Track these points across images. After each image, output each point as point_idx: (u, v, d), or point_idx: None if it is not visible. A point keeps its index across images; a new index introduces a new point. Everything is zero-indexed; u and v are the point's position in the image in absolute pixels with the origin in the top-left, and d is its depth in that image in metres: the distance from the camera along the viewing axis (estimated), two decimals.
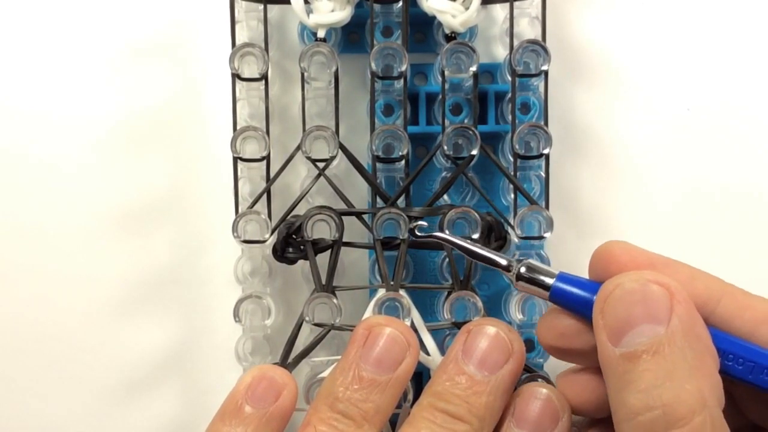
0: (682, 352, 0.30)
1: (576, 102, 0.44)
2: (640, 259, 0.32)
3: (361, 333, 0.35)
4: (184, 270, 0.43)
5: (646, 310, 0.30)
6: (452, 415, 0.33)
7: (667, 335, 0.30)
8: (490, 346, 0.34)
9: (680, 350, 0.30)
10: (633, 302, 0.31)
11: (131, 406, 0.43)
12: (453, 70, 0.39)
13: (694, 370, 0.30)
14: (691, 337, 0.30)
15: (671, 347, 0.30)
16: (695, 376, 0.29)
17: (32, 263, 0.43)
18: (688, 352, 0.30)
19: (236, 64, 0.39)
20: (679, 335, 0.30)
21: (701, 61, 0.44)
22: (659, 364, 0.30)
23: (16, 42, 0.43)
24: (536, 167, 0.41)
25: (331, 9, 0.39)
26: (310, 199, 0.41)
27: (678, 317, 0.30)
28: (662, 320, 0.30)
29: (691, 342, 0.30)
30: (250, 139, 0.39)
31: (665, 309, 0.30)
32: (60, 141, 0.43)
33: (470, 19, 0.39)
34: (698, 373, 0.30)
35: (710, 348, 0.31)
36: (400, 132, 0.39)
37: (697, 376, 0.30)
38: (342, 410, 0.34)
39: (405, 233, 0.39)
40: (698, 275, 0.32)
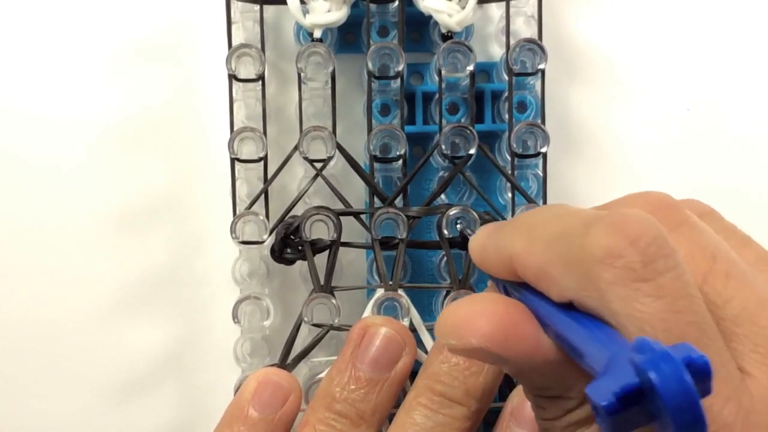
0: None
1: (573, 101, 0.44)
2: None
3: (356, 333, 0.35)
4: (183, 271, 0.43)
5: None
6: (449, 398, 0.33)
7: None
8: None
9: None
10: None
11: (130, 406, 0.43)
12: (449, 70, 0.39)
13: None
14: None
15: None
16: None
17: (31, 263, 0.43)
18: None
19: (233, 65, 0.39)
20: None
21: (699, 60, 0.44)
22: None
23: (14, 42, 0.43)
24: (533, 166, 0.41)
25: (328, 9, 0.39)
26: (308, 200, 0.41)
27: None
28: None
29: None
30: (247, 140, 0.39)
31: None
32: (57, 142, 0.43)
33: (466, 18, 0.39)
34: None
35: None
36: (397, 132, 0.39)
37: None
38: (339, 410, 0.34)
39: (403, 233, 0.39)
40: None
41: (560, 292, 0.24)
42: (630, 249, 0.23)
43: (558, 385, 0.26)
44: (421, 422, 0.33)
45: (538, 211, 0.27)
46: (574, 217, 0.25)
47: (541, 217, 0.27)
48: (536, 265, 0.25)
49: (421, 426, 0.33)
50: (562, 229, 0.25)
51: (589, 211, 0.26)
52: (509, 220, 0.29)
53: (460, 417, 0.33)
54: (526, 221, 0.27)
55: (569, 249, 0.24)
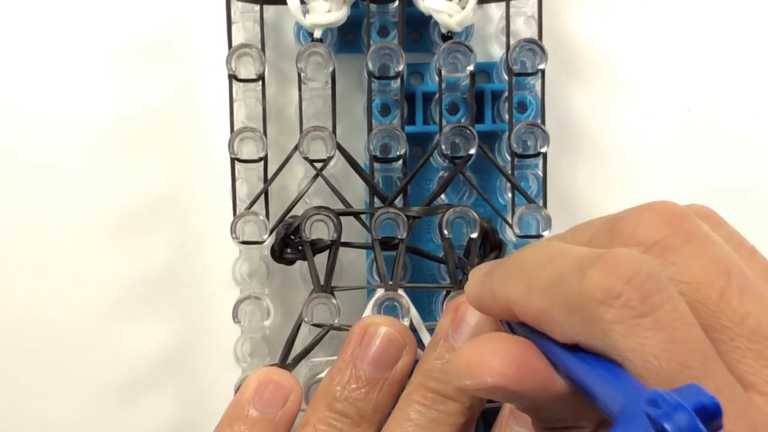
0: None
1: (573, 101, 0.44)
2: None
3: (357, 332, 0.35)
4: (183, 271, 0.43)
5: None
6: (443, 395, 0.33)
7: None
8: (480, 323, 0.34)
9: None
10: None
11: (130, 406, 0.43)
12: (450, 70, 0.39)
13: None
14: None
15: None
16: None
17: (31, 263, 0.43)
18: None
19: (233, 65, 0.39)
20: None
21: (699, 60, 0.44)
22: None
23: (14, 42, 0.43)
24: (533, 166, 0.41)
25: (328, 9, 0.39)
26: (308, 200, 0.41)
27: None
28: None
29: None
30: (247, 140, 0.39)
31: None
32: (57, 142, 0.43)
33: (466, 18, 0.39)
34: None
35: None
36: (397, 132, 0.39)
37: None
38: (340, 409, 0.34)
39: (403, 233, 0.39)
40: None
41: (563, 335, 0.25)
42: (627, 287, 0.24)
43: (570, 416, 0.27)
44: (415, 418, 0.33)
45: (529, 251, 0.28)
46: (567, 258, 0.26)
47: (533, 260, 0.27)
48: (536, 311, 0.26)
49: (415, 422, 0.33)
50: (557, 272, 0.26)
51: (581, 251, 0.27)
52: (499, 261, 0.30)
53: (454, 413, 0.33)
54: (517, 265, 0.28)
55: (567, 293, 0.25)
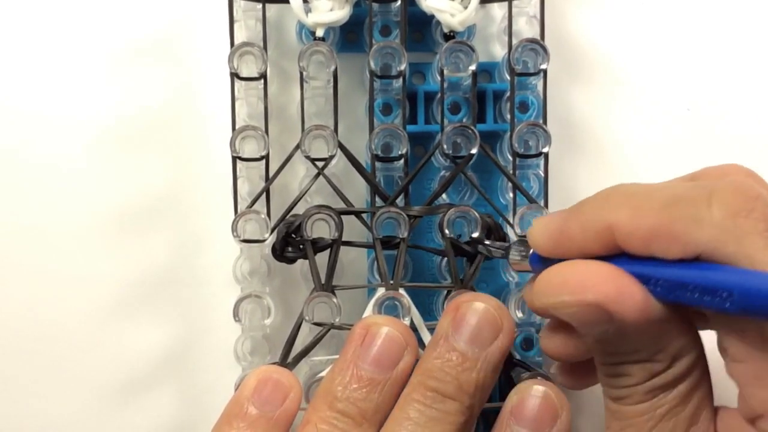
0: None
1: (575, 101, 0.44)
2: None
3: (358, 332, 0.35)
4: (183, 270, 0.43)
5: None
6: (442, 394, 0.33)
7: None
8: (480, 322, 0.34)
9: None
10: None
11: (131, 406, 0.43)
12: (452, 69, 0.39)
13: None
14: None
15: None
16: None
17: (31, 263, 0.43)
18: None
19: (235, 64, 0.39)
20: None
21: (701, 61, 0.44)
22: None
23: (14, 42, 0.43)
24: (535, 166, 0.41)
25: (330, 8, 0.39)
26: (309, 199, 0.41)
27: None
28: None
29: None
30: (249, 138, 0.39)
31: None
32: (58, 141, 0.43)
33: (469, 17, 0.39)
34: None
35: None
36: (399, 131, 0.39)
37: None
38: (341, 409, 0.34)
39: (404, 232, 0.39)
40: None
41: (685, 248, 0.28)
42: (757, 203, 0.27)
43: (650, 347, 0.30)
44: (415, 417, 0.33)
45: (622, 186, 0.31)
46: (678, 185, 0.30)
47: (633, 189, 0.30)
48: (650, 227, 0.28)
49: (414, 421, 0.33)
50: (674, 194, 0.29)
51: (689, 183, 0.30)
52: (580, 201, 0.32)
53: (453, 412, 0.33)
54: (615, 194, 0.30)
55: (695, 208, 0.28)
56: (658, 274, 0.29)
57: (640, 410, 0.30)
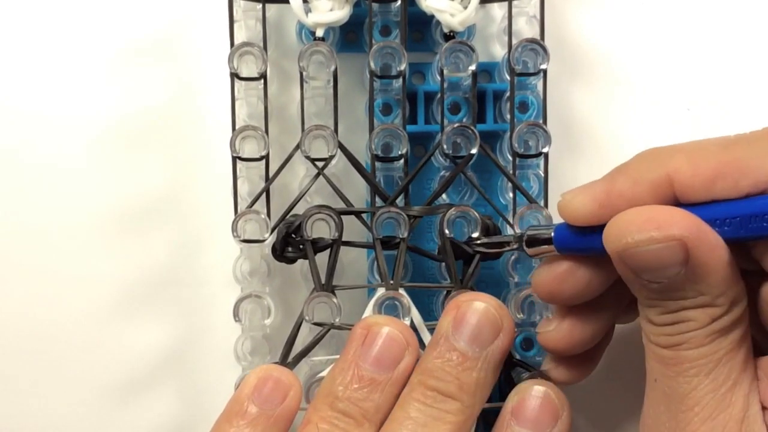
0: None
1: (574, 101, 0.44)
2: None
3: (359, 332, 0.35)
4: (183, 270, 0.43)
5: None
6: (443, 393, 0.33)
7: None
8: (480, 322, 0.34)
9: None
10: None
11: (131, 406, 0.43)
12: (452, 69, 0.39)
13: None
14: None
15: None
16: None
17: (32, 263, 0.43)
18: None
19: (235, 64, 0.39)
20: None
21: (701, 61, 0.44)
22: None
23: (14, 42, 0.43)
24: (535, 166, 0.41)
25: (330, 8, 0.39)
26: (309, 199, 0.41)
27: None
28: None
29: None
30: (249, 138, 0.39)
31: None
32: (58, 141, 0.43)
33: (469, 17, 0.39)
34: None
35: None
36: (399, 131, 0.39)
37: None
38: (342, 409, 0.34)
39: (404, 232, 0.39)
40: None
41: (755, 183, 0.29)
42: None
43: (713, 291, 0.30)
44: (415, 416, 0.33)
45: (661, 147, 0.32)
46: (732, 135, 0.31)
47: (682, 143, 0.31)
48: (715, 167, 0.29)
49: (415, 420, 0.33)
50: (730, 138, 0.30)
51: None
52: (617, 168, 0.33)
53: (454, 411, 0.33)
54: (664, 149, 0.32)
55: (756, 145, 0.29)
56: (726, 214, 0.29)
57: (701, 353, 0.31)
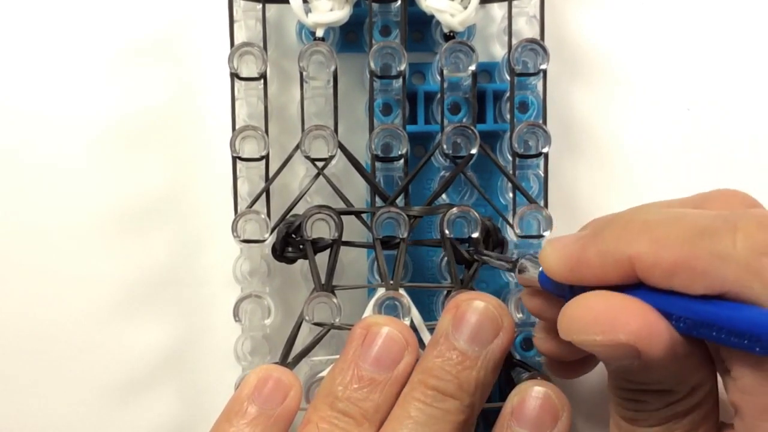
0: None
1: (574, 101, 0.44)
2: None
3: (359, 332, 0.35)
4: (183, 270, 0.43)
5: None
6: (442, 392, 0.33)
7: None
8: (480, 321, 0.34)
9: None
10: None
11: (131, 406, 0.43)
12: (452, 69, 0.39)
13: None
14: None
15: None
16: None
17: (32, 263, 0.43)
18: None
19: (235, 64, 0.39)
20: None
21: (701, 61, 0.44)
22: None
23: (14, 42, 0.43)
24: (535, 166, 0.41)
25: (330, 8, 0.39)
26: (309, 199, 0.41)
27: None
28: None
29: None
30: (249, 138, 0.39)
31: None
32: (58, 141, 0.43)
33: (469, 18, 0.39)
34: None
35: None
36: (399, 131, 0.39)
37: None
38: (342, 409, 0.34)
39: (404, 232, 0.39)
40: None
41: (710, 286, 0.27)
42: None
43: (671, 379, 0.29)
44: (415, 415, 0.33)
45: (637, 212, 0.30)
46: (700, 216, 0.28)
47: (654, 218, 0.29)
48: (672, 263, 0.28)
49: (415, 419, 0.33)
50: (696, 226, 0.28)
51: (711, 212, 0.29)
52: (598, 226, 0.31)
53: (453, 410, 0.33)
54: (635, 223, 0.29)
55: (718, 244, 0.27)
56: (681, 311, 0.28)
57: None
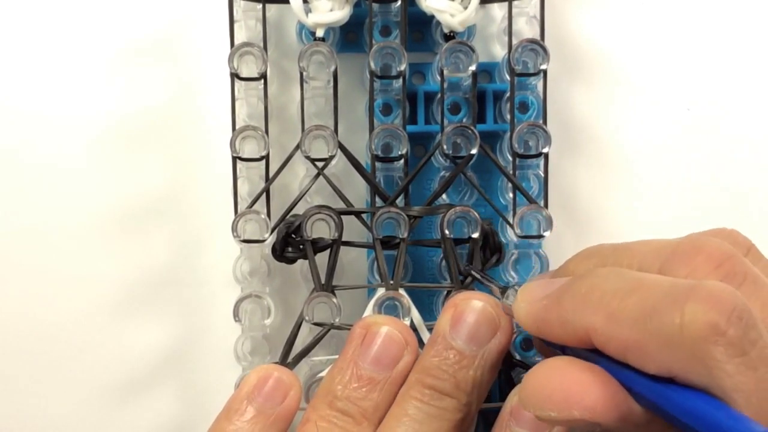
0: None
1: (575, 101, 0.44)
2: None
3: (358, 332, 0.35)
4: (183, 270, 0.43)
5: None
6: (439, 391, 0.33)
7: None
8: (478, 320, 0.34)
9: None
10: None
11: (131, 406, 0.43)
12: (452, 70, 0.39)
13: None
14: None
15: None
16: None
17: (32, 263, 0.43)
18: None
19: (235, 64, 0.39)
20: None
21: (701, 61, 0.44)
22: None
23: (14, 42, 0.43)
24: (535, 166, 0.41)
25: (330, 8, 0.39)
26: (309, 199, 0.41)
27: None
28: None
29: None
30: (249, 138, 0.39)
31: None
32: (58, 141, 0.43)
33: (469, 18, 0.39)
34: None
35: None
36: (399, 131, 0.39)
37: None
38: (341, 408, 0.34)
39: (404, 232, 0.39)
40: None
41: (659, 368, 0.26)
42: (729, 325, 0.25)
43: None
44: (413, 413, 0.33)
45: (600, 278, 0.29)
46: (653, 288, 0.27)
47: (611, 288, 0.28)
48: (624, 343, 0.27)
49: (413, 417, 0.33)
50: (646, 303, 0.26)
51: (665, 280, 0.27)
52: (564, 285, 0.30)
53: (451, 409, 0.33)
54: (592, 293, 0.28)
55: (665, 327, 0.26)
56: (636, 387, 0.27)
57: None
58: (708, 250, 0.29)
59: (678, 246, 0.29)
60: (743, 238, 0.31)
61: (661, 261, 0.29)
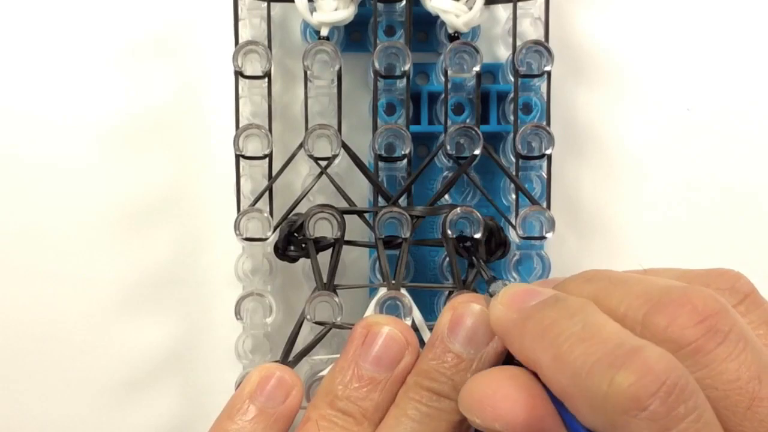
0: None
1: (578, 102, 0.44)
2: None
3: (359, 332, 0.35)
4: (185, 268, 0.43)
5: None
6: (437, 393, 0.33)
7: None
8: (476, 324, 0.34)
9: None
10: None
11: (131, 406, 0.43)
12: (456, 70, 0.39)
13: None
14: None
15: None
16: None
17: (32, 263, 0.43)
18: None
19: (239, 62, 0.39)
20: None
21: (703, 62, 0.44)
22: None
23: (16, 41, 0.43)
24: (538, 167, 0.41)
25: (335, 7, 0.39)
26: (312, 198, 0.41)
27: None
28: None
29: None
30: (252, 137, 0.39)
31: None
32: (61, 140, 0.43)
33: (473, 18, 0.39)
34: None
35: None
36: (402, 131, 0.39)
37: None
38: (342, 408, 0.34)
39: (407, 232, 0.39)
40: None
41: (588, 424, 0.26)
42: (653, 399, 0.25)
43: None
44: (412, 414, 0.33)
45: (564, 313, 0.29)
46: (599, 344, 0.27)
47: (567, 330, 0.28)
48: (561, 389, 0.27)
49: (411, 417, 0.33)
50: (587, 360, 0.26)
51: (613, 336, 0.27)
52: (535, 308, 0.30)
53: (449, 410, 0.33)
54: (550, 330, 0.28)
55: (594, 391, 0.26)
56: (571, 427, 0.28)
57: None
58: (695, 303, 0.28)
59: (667, 293, 0.29)
60: (744, 283, 0.30)
61: (648, 306, 0.29)
